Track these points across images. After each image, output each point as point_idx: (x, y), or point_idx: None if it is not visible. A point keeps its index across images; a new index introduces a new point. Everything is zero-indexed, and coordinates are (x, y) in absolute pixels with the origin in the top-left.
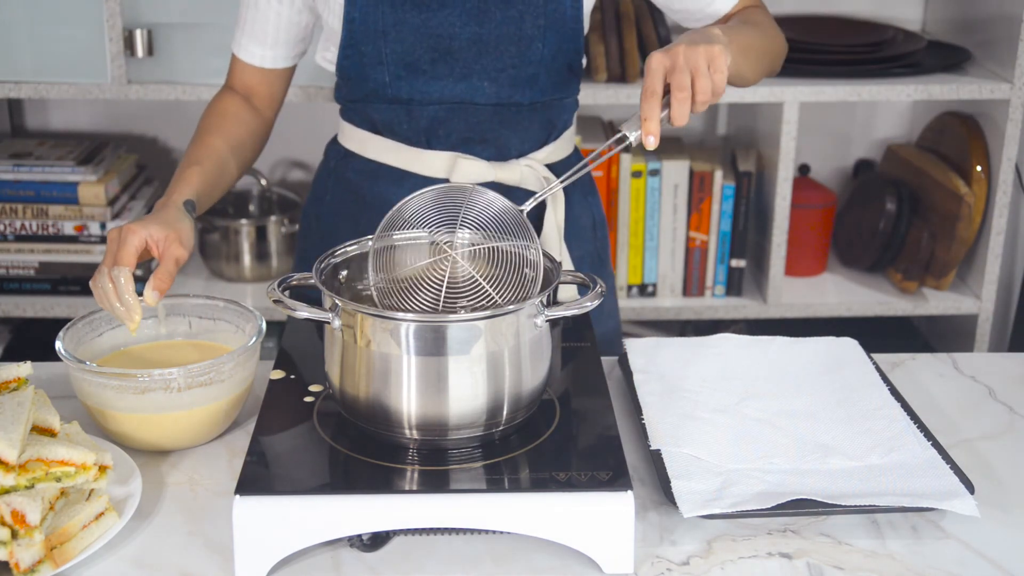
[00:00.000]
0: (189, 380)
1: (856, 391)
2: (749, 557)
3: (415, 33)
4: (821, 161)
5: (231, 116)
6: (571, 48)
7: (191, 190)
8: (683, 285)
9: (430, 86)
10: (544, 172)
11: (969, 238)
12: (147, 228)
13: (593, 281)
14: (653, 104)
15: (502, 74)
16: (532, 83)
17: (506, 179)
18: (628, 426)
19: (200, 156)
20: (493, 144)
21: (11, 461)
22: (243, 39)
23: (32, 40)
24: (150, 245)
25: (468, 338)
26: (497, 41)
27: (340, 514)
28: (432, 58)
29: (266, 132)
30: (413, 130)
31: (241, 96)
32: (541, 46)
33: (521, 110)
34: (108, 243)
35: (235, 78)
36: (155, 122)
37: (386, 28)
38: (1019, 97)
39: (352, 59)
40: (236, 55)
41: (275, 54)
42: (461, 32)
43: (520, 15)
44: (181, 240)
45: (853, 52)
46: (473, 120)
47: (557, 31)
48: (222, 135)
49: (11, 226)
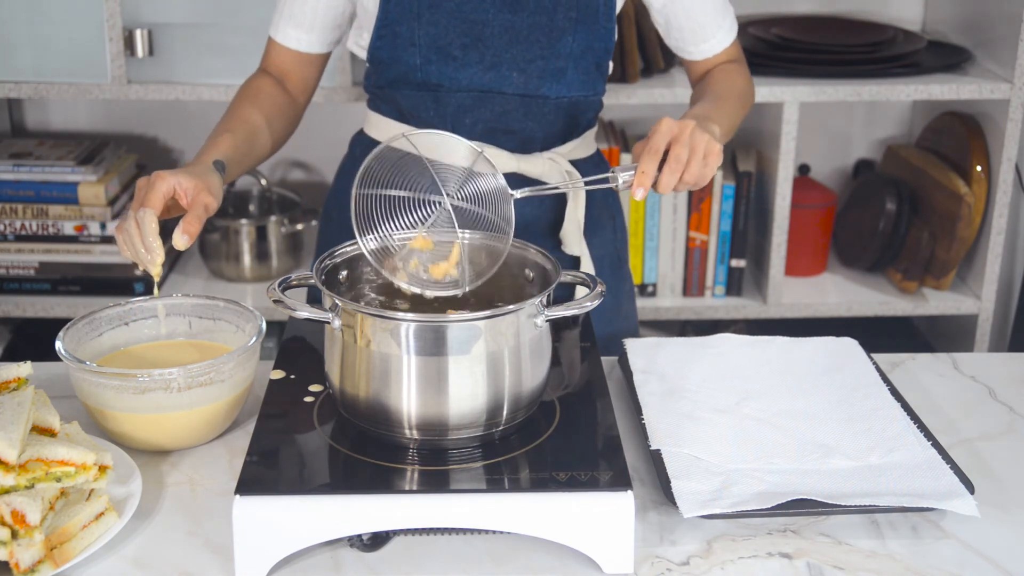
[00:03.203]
0: (189, 380)
1: (856, 391)
2: (749, 557)
3: (449, 16)
4: (821, 161)
5: (265, 93)
6: (601, 47)
7: (220, 153)
8: (683, 285)
9: (459, 72)
10: (567, 166)
11: (969, 238)
12: (176, 176)
13: (593, 281)
14: (653, 161)
15: (531, 65)
16: (560, 77)
17: (529, 171)
18: (628, 426)
19: (232, 124)
20: (518, 136)
21: (11, 461)
22: (281, 22)
23: (32, 40)
24: (179, 193)
25: (468, 338)
26: (529, 31)
27: (340, 514)
28: (463, 43)
29: (298, 116)
30: (439, 116)
31: (275, 78)
32: (571, 39)
33: (547, 103)
34: (136, 189)
35: (270, 61)
36: (155, 122)
37: (420, 10)
38: (1019, 97)
39: (386, 39)
40: (273, 38)
41: (311, 38)
42: (494, 19)
43: (553, 6)
44: (210, 190)
45: (853, 52)
46: (499, 110)
47: (588, 26)
48: (256, 107)
49: (11, 226)
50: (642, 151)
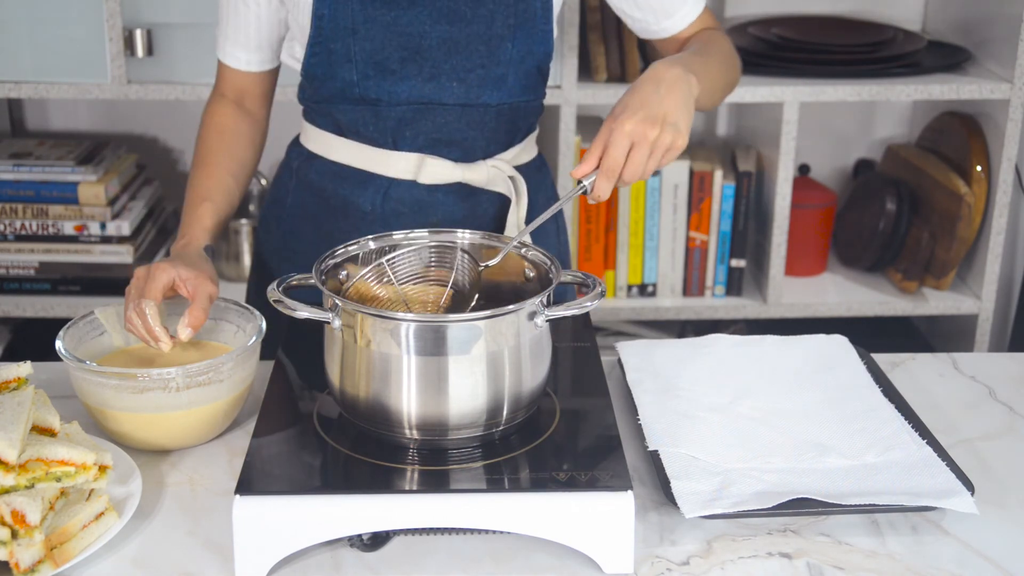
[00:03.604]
0: (188, 380)
1: (849, 390)
2: (749, 557)
3: (385, 31)
4: (821, 161)
5: (230, 133)
6: (541, 51)
7: (206, 233)
8: (683, 285)
9: (398, 86)
10: (511, 172)
11: (969, 238)
12: (176, 268)
13: (593, 281)
14: (610, 182)
15: (471, 74)
16: (500, 84)
17: (473, 180)
18: (628, 426)
19: (211, 190)
20: (459, 146)
21: (11, 461)
22: (227, 45)
23: (32, 40)
24: (178, 284)
25: (468, 338)
26: (468, 40)
27: (340, 514)
28: (401, 57)
29: (262, 137)
30: (379, 131)
31: (234, 103)
32: (511, 46)
33: (488, 111)
34: (135, 279)
35: (225, 83)
36: (155, 122)
37: (356, 25)
38: (1019, 97)
39: (320, 57)
40: (222, 61)
41: (260, 57)
42: (432, 31)
43: (491, 14)
44: (211, 278)
45: (853, 52)
46: (440, 121)
47: (527, 31)
48: (227, 160)
49: (11, 226)
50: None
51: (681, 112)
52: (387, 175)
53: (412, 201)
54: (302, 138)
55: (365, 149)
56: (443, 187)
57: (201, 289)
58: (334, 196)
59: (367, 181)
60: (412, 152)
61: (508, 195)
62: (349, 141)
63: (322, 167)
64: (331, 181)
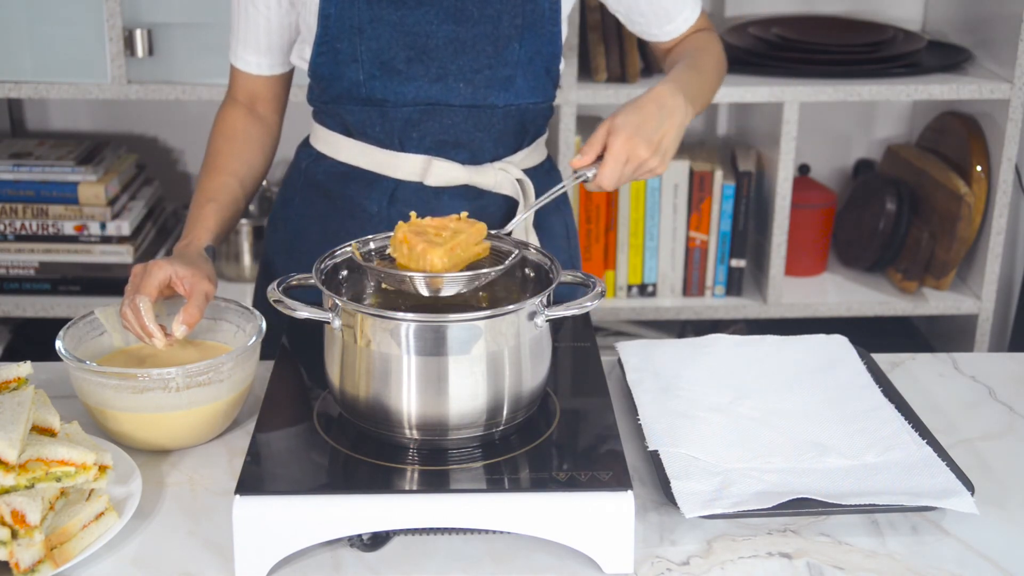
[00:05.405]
0: (188, 380)
1: (849, 391)
2: (749, 557)
3: (391, 31)
4: (821, 161)
5: (240, 138)
6: (549, 52)
7: (209, 234)
8: (683, 285)
9: (405, 87)
10: (518, 175)
11: (969, 238)
12: (173, 266)
13: (593, 281)
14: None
15: (478, 75)
16: (508, 85)
17: (480, 183)
18: (628, 426)
19: (216, 191)
20: (467, 148)
21: (11, 461)
22: (239, 49)
23: (32, 40)
24: (175, 281)
25: (468, 338)
26: (474, 40)
27: (340, 514)
28: (408, 57)
29: (274, 142)
30: (386, 132)
31: (245, 108)
32: (518, 47)
33: (496, 113)
34: (132, 276)
35: (237, 88)
36: (155, 122)
37: (362, 25)
38: (1019, 97)
39: (326, 56)
40: (233, 65)
41: (271, 60)
42: (438, 30)
43: (498, 14)
44: (208, 277)
45: (853, 52)
46: (447, 122)
47: (535, 32)
48: (234, 164)
49: (11, 226)
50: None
51: (673, 142)
52: (394, 176)
53: (418, 203)
54: (311, 139)
55: (372, 150)
56: (449, 189)
57: (197, 287)
58: (341, 197)
59: (374, 182)
60: (419, 154)
61: (516, 198)
62: (357, 142)
63: (330, 168)
64: (338, 182)
